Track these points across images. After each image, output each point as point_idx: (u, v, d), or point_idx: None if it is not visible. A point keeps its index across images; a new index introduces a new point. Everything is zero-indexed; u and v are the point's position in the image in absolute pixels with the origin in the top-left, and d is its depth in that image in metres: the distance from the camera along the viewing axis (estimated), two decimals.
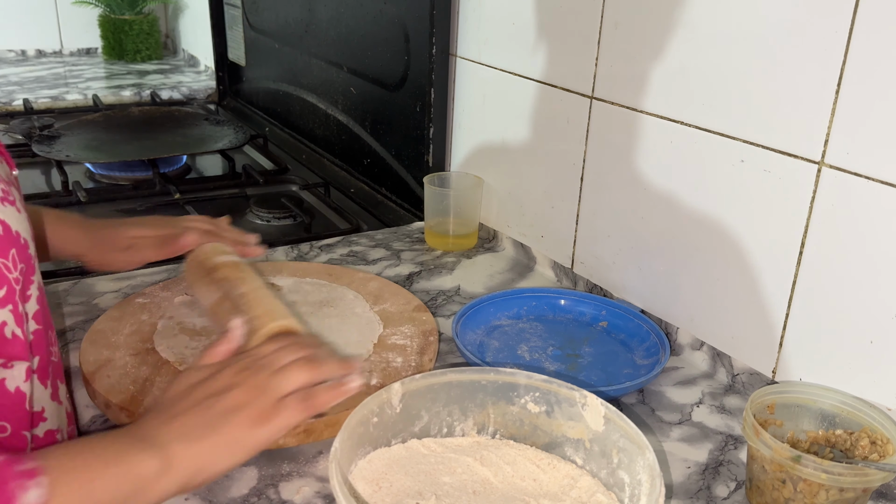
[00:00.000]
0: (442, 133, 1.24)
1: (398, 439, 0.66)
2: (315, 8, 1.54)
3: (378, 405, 0.63)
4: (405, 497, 0.60)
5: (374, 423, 0.63)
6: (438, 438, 0.68)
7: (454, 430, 0.68)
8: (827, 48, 0.70)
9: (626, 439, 0.61)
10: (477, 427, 0.68)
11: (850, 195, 0.71)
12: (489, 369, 0.67)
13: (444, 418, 0.68)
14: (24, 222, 0.61)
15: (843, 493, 0.61)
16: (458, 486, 0.62)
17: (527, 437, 0.68)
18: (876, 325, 0.71)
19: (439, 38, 1.17)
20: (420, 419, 0.67)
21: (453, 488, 0.62)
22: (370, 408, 0.62)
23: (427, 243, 1.17)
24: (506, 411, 0.68)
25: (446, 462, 0.65)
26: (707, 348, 0.88)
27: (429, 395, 0.66)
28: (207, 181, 1.49)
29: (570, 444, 0.66)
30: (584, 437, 0.65)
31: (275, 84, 1.80)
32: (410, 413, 0.66)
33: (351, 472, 0.61)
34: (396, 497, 0.60)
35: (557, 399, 0.66)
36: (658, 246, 0.92)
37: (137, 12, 2.45)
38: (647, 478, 0.57)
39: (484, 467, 0.64)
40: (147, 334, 0.84)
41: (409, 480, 0.62)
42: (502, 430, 0.68)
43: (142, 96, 2.08)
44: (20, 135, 1.65)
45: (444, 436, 0.68)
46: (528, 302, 0.96)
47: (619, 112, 0.93)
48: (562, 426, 0.66)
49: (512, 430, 0.68)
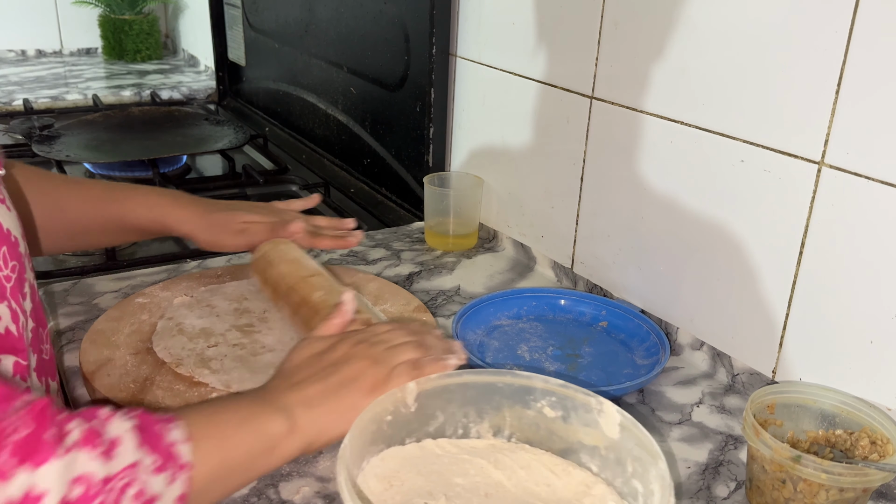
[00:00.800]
0: (442, 133, 1.24)
1: (413, 438, 0.66)
2: (315, 8, 1.54)
3: (392, 403, 0.63)
4: (415, 496, 0.60)
5: (388, 422, 0.63)
6: (453, 439, 0.67)
7: (469, 432, 0.68)
8: (827, 48, 0.70)
9: (641, 448, 0.59)
10: (493, 429, 0.68)
11: (850, 195, 0.71)
12: (505, 371, 0.67)
13: (460, 419, 0.67)
14: (15, 220, 0.61)
15: (843, 493, 0.61)
16: (470, 487, 0.62)
17: (543, 441, 0.67)
18: (876, 325, 0.71)
19: (439, 38, 1.17)
20: (435, 419, 0.66)
21: (465, 490, 0.61)
22: (384, 406, 0.62)
23: (427, 243, 1.17)
24: (522, 415, 0.67)
25: (460, 463, 0.64)
26: (707, 348, 0.88)
27: (444, 396, 0.66)
28: (207, 181, 1.49)
29: (585, 450, 0.65)
30: (599, 444, 0.63)
31: (275, 84, 1.80)
32: (425, 413, 0.65)
33: (363, 469, 0.62)
34: (407, 496, 0.60)
35: (574, 404, 0.65)
36: (658, 246, 0.92)
37: (137, 12, 2.45)
38: (659, 488, 0.56)
39: (498, 470, 0.64)
40: (147, 334, 0.84)
41: (422, 480, 0.62)
42: (518, 433, 0.68)
43: (142, 96, 2.08)
44: (20, 135, 1.65)
45: (459, 437, 0.68)
46: (528, 302, 0.96)
47: (619, 112, 0.93)
48: (578, 432, 0.65)
49: (528, 434, 0.67)
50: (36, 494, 0.43)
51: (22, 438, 0.43)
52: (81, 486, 0.44)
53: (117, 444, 0.47)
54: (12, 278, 0.58)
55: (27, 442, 0.43)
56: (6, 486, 0.42)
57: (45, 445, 0.44)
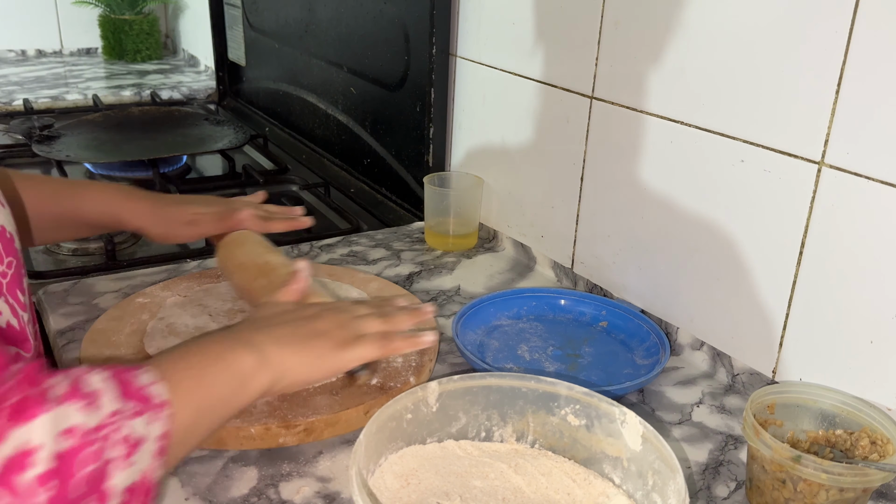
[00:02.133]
0: (442, 133, 1.24)
1: (434, 438, 0.66)
2: (315, 8, 1.54)
3: (413, 402, 0.63)
4: (430, 496, 0.60)
5: (409, 420, 0.63)
6: (476, 442, 0.67)
7: (493, 435, 0.68)
8: (827, 48, 0.70)
9: (661, 461, 0.59)
10: (516, 434, 0.68)
11: (850, 195, 0.71)
12: (529, 376, 0.67)
13: (483, 422, 0.67)
14: (9, 217, 0.61)
15: (843, 493, 0.61)
16: (488, 491, 0.62)
17: (566, 449, 0.67)
18: (876, 325, 0.71)
19: (439, 38, 1.17)
20: (458, 420, 0.66)
21: (483, 493, 0.61)
22: (404, 404, 0.62)
23: (427, 243, 1.17)
24: (546, 421, 0.67)
25: (480, 466, 0.64)
26: (707, 348, 0.88)
27: (467, 398, 0.66)
28: (207, 181, 1.49)
29: (608, 461, 0.64)
30: (622, 455, 0.63)
31: (275, 84, 1.80)
32: (448, 413, 0.66)
33: (380, 465, 0.62)
34: (423, 495, 0.60)
35: (598, 413, 0.64)
36: (658, 246, 0.92)
37: (137, 12, 2.45)
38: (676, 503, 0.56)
39: (518, 475, 0.64)
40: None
41: (439, 480, 0.62)
42: (542, 440, 0.68)
43: (142, 96, 2.08)
44: (20, 135, 1.64)
45: (482, 439, 0.68)
46: (528, 302, 0.96)
47: (619, 112, 0.93)
48: (601, 442, 0.65)
49: (551, 441, 0.67)
50: (30, 449, 0.44)
51: (16, 402, 0.44)
52: (71, 437, 0.45)
53: (98, 395, 0.48)
54: (9, 274, 0.59)
55: (20, 404, 0.44)
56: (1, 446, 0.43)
57: (34, 402, 0.45)
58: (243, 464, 0.69)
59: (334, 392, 0.75)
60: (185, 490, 0.65)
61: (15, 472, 0.43)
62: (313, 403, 0.73)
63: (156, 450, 0.51)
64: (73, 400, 0.46)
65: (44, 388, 0.46)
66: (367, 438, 0.58)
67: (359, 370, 0.70)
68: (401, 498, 0.59)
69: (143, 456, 0.49)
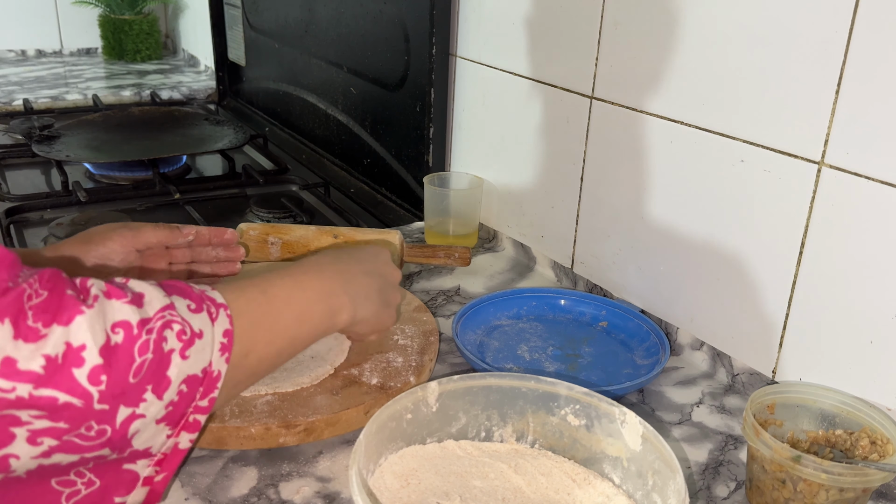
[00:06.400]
0: (442, 133, 1.24)
1: (434, 438, 0.66)
2: (315, 8, 1.54)
3: (413, 402, 0.63)
4: (430, 496, 0.60)
5: (409, 420, 0.63)
6: (476, 442, 0.67)
7: (492, 435, 0.68)
8: (827, 48, 0.70)
9: (661, 461, 0.59)
10: (516, 434, 0.68)
11: (850, 195, 0.71)
12: (529, 377, 0.67)
13: (483, 422, 0.67)
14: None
15: (843, 493, 0.61)
16: (487, 491, 0.62)
17: (566, 449, 0.67)
18: (876, 325, 0.71)
19: (439, 38, 1.17)
20: (457, 420, 0.66)
21: (482, 493, 0.61)
22: (404, 404, 0.62)
23: (427, 243, 1.17)
24: (546, 421, 0.67)
25: (480, 466, 0.64)
26: (707, 348, 0.88)
27: (467, 398, 0.66)
28: (207, 181, 1.49)
29: (608, 461, 0.64)
30: (622, 455, 0.63)
31: (275, 84, 1.80)
32: (447, 413, 0.66)
33: (380, 465, 0.62)
34: (423, 495, 0.60)
35: (598, 413, 0.64)
36: (658, 246, 0.92)
37: (137, 12, 2.45)
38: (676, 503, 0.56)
39: (518, 475, 0.64)
40: None
41: (439, 480, 0.62)
42: (542, 440, 0.68)
43: (142, 96, 2.08)
44: (20, 135, 1.64)
45: (482, 439, 0.68)
46: (528, 302, 0.96)
47: (619, 112, 0.93)
48: (601, 442, 0.65)
49: (552, 441, 0.67)
50: (76, 347, 0.43)
51: (42, 302, 0.43)
52: (120, 330, 0.45)
53: (143, 294, 0.48)
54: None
55: (49, 304, 0.43)
56: (41, 345, 0.42)
57: (70, 302, 0.44)
58: (243, 464, 0.69)
59: (334, 392, 0.75)
60: (185, 490, 0.65)
61: (63, 370, 0.42)
62: (313, 403, 0.73)
63: (218, 346, 0.50)
64: (115, 297, 0.46)
65: (81, 289, 0.45)
66: (367, 438, 0.58)
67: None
68: (401, 498, 0.59)
69: (201, 349, 0.49)
